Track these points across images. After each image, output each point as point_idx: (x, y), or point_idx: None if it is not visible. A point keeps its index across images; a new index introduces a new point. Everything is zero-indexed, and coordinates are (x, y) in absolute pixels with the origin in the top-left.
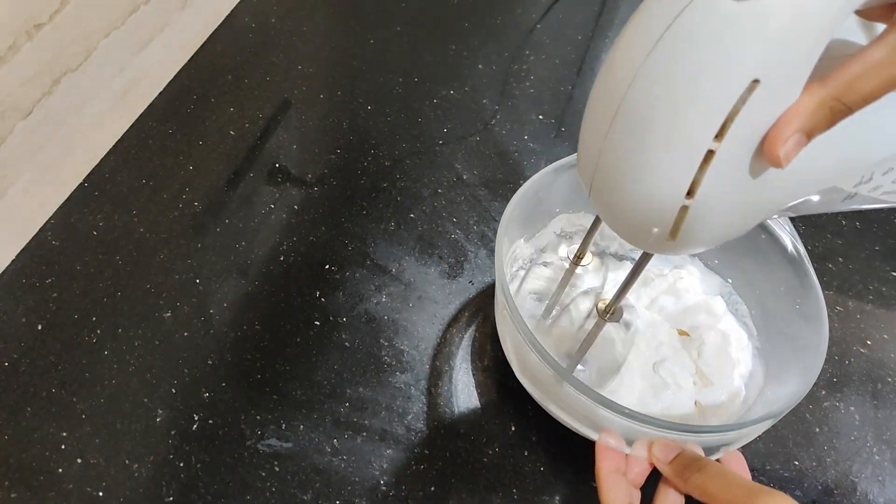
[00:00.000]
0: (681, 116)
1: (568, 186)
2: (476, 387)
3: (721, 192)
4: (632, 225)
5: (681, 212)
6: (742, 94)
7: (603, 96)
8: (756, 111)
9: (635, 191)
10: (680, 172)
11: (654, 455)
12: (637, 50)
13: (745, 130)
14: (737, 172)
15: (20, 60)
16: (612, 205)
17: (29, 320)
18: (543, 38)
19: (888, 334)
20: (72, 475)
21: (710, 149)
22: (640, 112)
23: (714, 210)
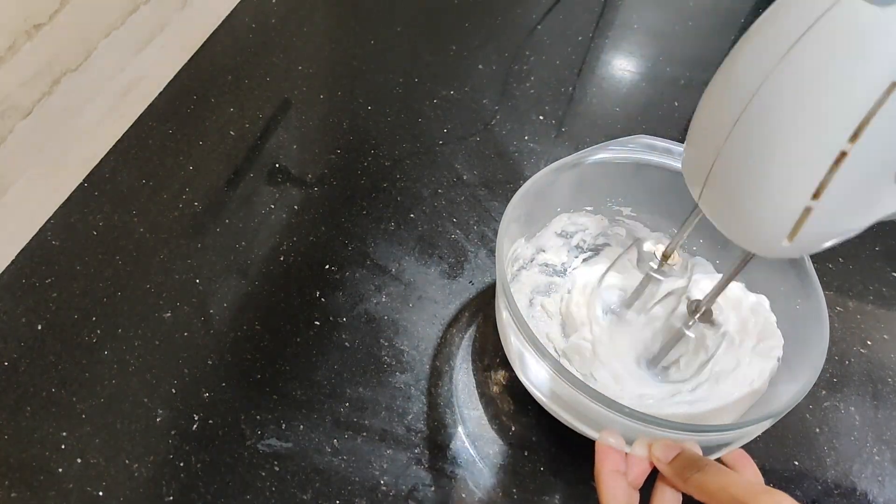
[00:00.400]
0: (816, 118)
1: (568, 186)
2: (476, 387)
3: (846, 195)
4: (749, 226)
5: (804, 213)
6: (880, 97)
7: (726, 96)
8: (893, 114)
9: (759, 190)
10: (809, 173)
11: (655, 455)
12: (770, 51)
13: (880, 134)
14: (865, 176)
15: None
16: (729, 206)
17: (29, 320)
18: (544, 39)
19: (888, 334)
20: (72, 475)
21: (843, 150)
22: (771, 111)
23: (836, 212)
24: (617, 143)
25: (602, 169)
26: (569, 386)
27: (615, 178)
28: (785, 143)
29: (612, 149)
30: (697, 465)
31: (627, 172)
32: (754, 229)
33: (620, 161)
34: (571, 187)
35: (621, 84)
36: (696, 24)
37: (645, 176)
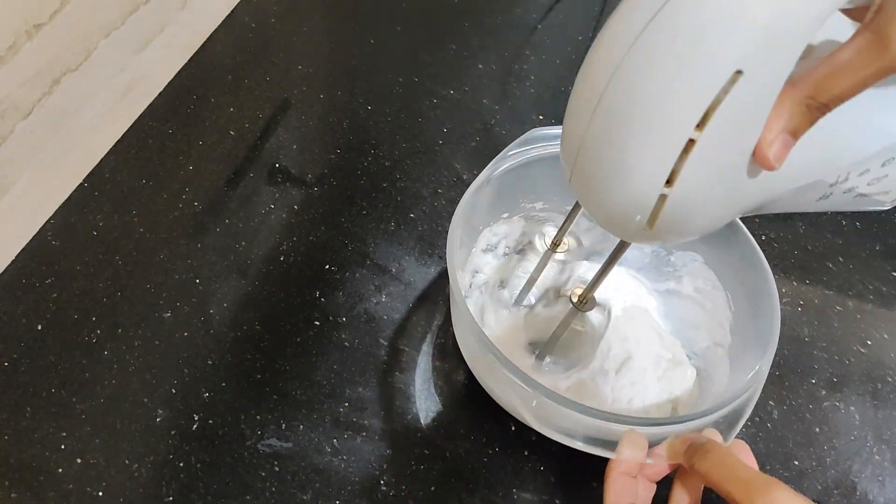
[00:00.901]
0: (663, 105)
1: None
2: (476, 387)
3: (699, 183)
4: (611, 212)
5: (659, 200)
6: (725, 85)
7: (586, 84)
8: (738, 102)
9: (616, 178)
10: (660, 161)
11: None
12: (622, 38)
13: (727, 121)
14: (716, 163)
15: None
16: (592, 192)
17: (29, 320)
18: (544, 39)
19: (888, 334)
20: (72, 475)
21: (691, 138)
22: (623, 100)
23: (692, 200)
24: (515, 146)
25: (510, 175)
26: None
27: (523, 179)
28: (637, 130)
29: (514, 152)
30: (703, 450)
31: (532, 170)
32: (617, 215)
33: (524, 161)
34: (489, 202)
35: None
36: None
37: (547, 167)
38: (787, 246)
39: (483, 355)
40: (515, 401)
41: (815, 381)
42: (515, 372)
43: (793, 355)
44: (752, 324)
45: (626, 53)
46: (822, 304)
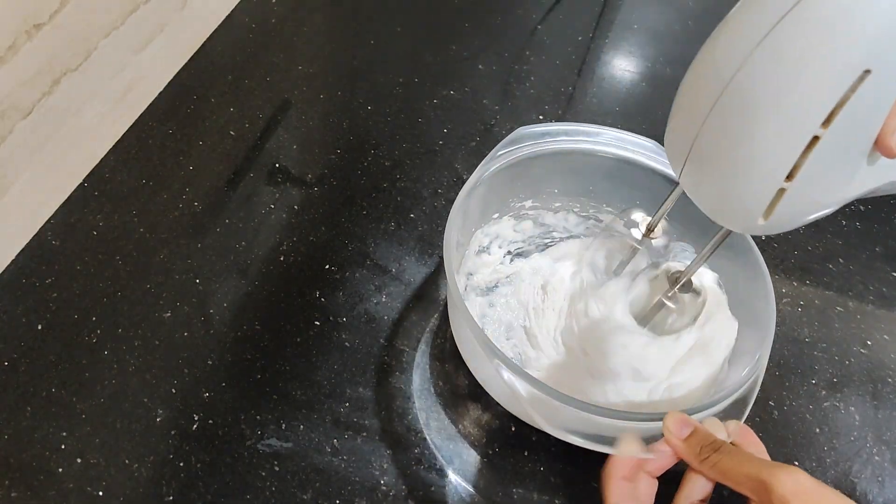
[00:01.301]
0: (790, 101)
1: (477, 205)
2: (476, 387)
3: (818, 177)
4: (726, 205)
5: (778, 194)
6: (853, 84)
7: (705, 78)
8: (865, 100)
9: (736, 171)
10: (783, 156)
11: (667, 427)
12: (749, 35)
13: (852, 119)
14: (837, 158)
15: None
16: (708, 184)
17: (29, 320)
18: (544, 39)
19: (888, 335)
20: (72, 475)
21: (816, 135)
22: (748, 95)
23: (809, 193)
24: (503, 146)
25: (499, 176)
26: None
27: (512, 179)
28: (760, 127)
29: (502, 152)
30: (713, 446)
31: (520, 169)
32: (731, 208)
33: (513, 161)
34: (481, 204)
35: (621, 84)
36: (696, 24)
37: (535, 165)
38: (788, 247)
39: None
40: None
41: (816, 381)
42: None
43: (793, 356)
44: (747, 309)
45: (754, 49)
46: (822, 304)
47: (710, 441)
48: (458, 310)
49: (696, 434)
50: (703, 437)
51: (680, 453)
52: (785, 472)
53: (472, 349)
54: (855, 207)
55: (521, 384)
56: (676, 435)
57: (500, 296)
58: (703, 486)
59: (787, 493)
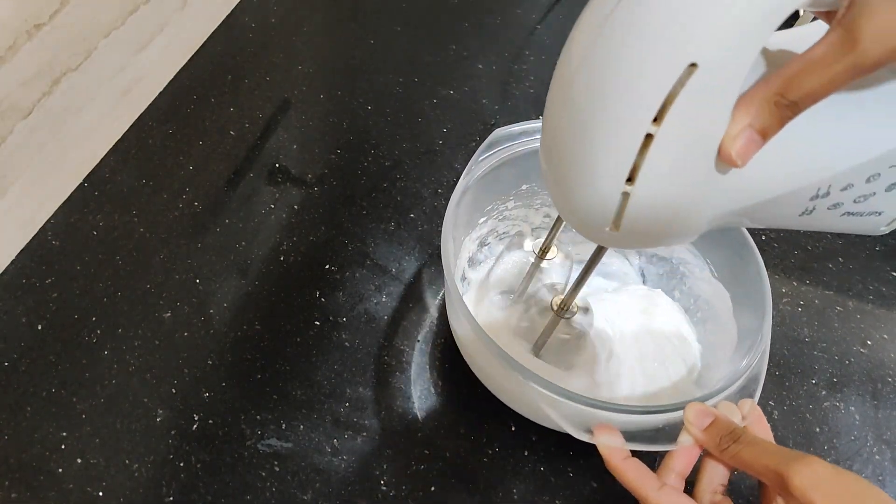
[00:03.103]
0: (620, 99)
1: (465, 212)
2: (476, 387)
3: (662, 180)
4: (579, 213)
5: (623, 199)
6: (680, 78)
7: (556, 86)
8: (694, 96)
9: (579, 175)
10: (620, 156)
11: (688, 418)
12: (584, 36)
13: (684, 115)
14: (677, 159)
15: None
16: (560, 191)
17: (29, 320)
18: (544, 39)
19: (888, 334)
20: (72, 475)
21: (649, 132)
22: (584, 97)
23: (656, 200)
24: (483, 151)
25: (483, 181)
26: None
27: (495, 182)
28: (597, 126)
29: (483, 157)
30: (733, 436)
31: (502, 171)
32: (582, 215)
33: (496, 164)
34: (467, 212)
35: None
36: None
37: (514, 166)
38: (788, 246)
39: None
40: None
41: (815, 381)
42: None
43: (793, 356)
44: (741, 289)
45: (588, 48)
46: (822, 304)
47: (730, 431)
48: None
49: (716, 424)
50: (722, 426)
51: (701, 443)
52: (803, 463)
53: (473, 349)
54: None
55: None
56: (697, 426)
57: None
58: (722, 472)
59: (805, 485)
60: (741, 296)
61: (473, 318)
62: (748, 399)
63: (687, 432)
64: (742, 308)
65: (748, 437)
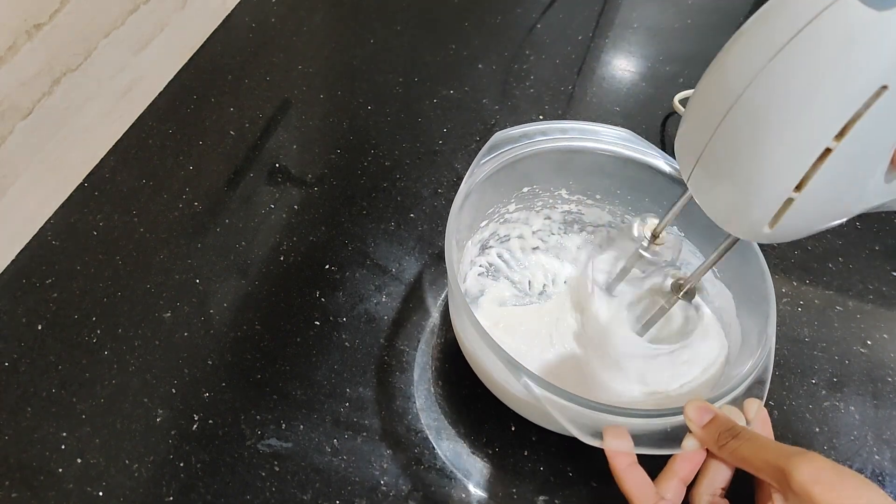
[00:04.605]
0: (805, 112)
1: (468, 215)
2: (476, 387)
3: (827, 190)
4: (733, 212)
5: (785, 203)
6: (868, 99)
7: (720, 86)
8: (879, 116)
9: (746, 178)
10: (794, 166)
11: (688, 415)
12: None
13: (866, 133)
14: (847, 172)
15: (20, 60)
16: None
17: (29, 320)
18: (544, 38)
19: (888, 334)
20: (72, 475)
21: (828, 147)
22: (763, 103)
23: (815, 205)
24: (484, 154)
25: (485, 184)
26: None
27: (496, 186)
28: (772, 137)
29: (485, 161)
30: (732, 432)
31: (502, 175)
32: (738, 215)
33: (498, 167)
34: (469, 215)
35: (621, 83)
36: (695, 22)
37: (516, 170)
38: (788, 246)
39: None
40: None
41: (815, 381)
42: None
43: (793, 355)
44: (744, 290)
45: (772, 58)
46: (822, 304)
47: (729, 427)
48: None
49: (716, 421)
50: (722, 423)
51: (700, 440)
52: (803, 459)
53: (474, 349)
54: None
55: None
56: (697, 422)
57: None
58: (723, 474)
59: (805, 481)
60: (744, 297)
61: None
62: (755, 399)
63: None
64: (745, 309)
65: (748, 433)
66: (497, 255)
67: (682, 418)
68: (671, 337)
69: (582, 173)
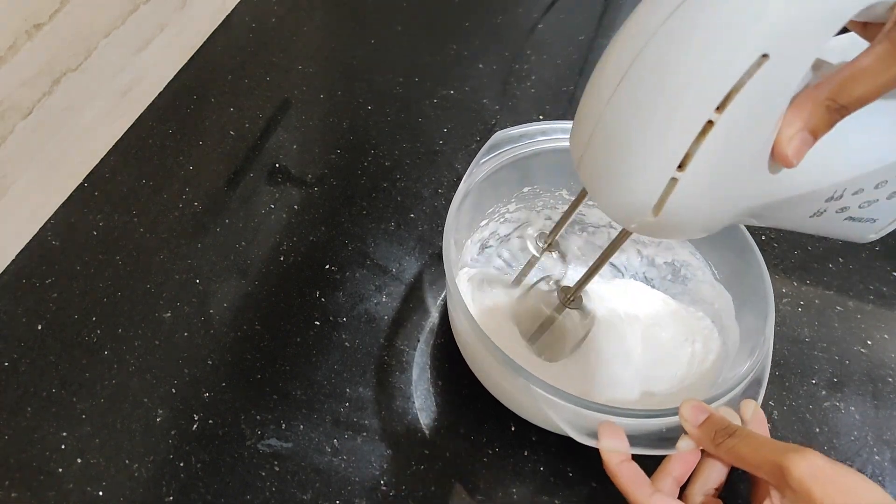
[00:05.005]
0: (686, 84)
1: (467, 214)
2: (476, 387)
3: (711, 170)
4: (618, 196)
5: (669, 184)
6: (749, 68)
7: (610, 65)
8: (761, 86)
9: (630, 157)
10: (676, 140)
11: (683, 415)
12: (653, 17)
13: (747, 106)
14: (730, 151)
15: (20, 60)
16: (602, 173)
17: (29, 320)
18: (545, 38)
19: (888, 334)
20: (72, 475)
21: (710, 119)
22: (645, 79)
23: (700, 189)
24: (484, 153)
25: (485, 183)
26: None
27: (497, 185)
28: (655, 110)
29: (484, 160)
30: (728, 431)
31: (502, 175)
32: (622, 198)
33: (497, 167)
34: (469, 214)
35: None
36: None
37: (516, 169)
38: (788, 246)
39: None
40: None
41: (816, 381)
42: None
43: (793, 356)
44: (743, 291)
45: (656, 29)
46: (822, 304)
47: (725, 426)
48: (458, 308)
49: (711, 420)
50: (717, 422)
51: (695, 439)
52: (800, 455)
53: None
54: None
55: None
56: (692, 421)
57: None
58: (718, 474)
59: (803, 477)
60: (743, 298)
61: (476, 322)
62: (751, 401)
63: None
64: (744, 310)
65: (743, 431)
66: (497, 254)
67: (677, 419)
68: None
69: None
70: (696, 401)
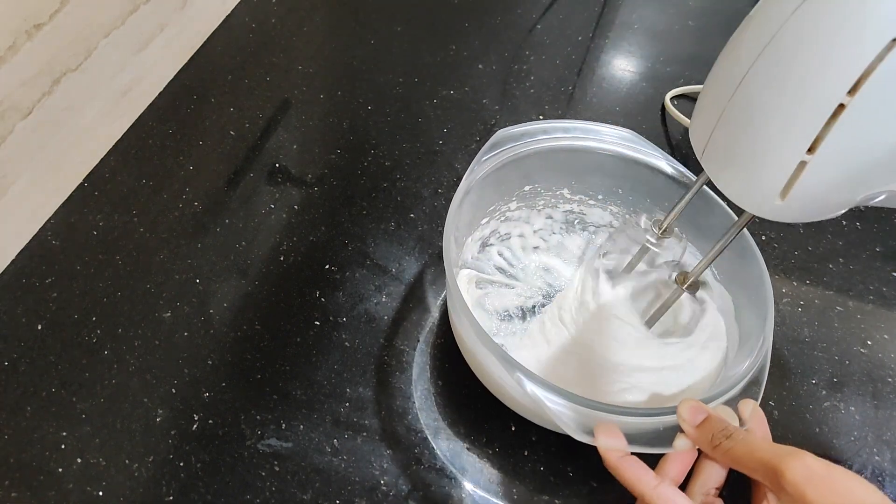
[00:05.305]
0: (817, 68)
1: (468, 212)
2: (476, 386)
3: (841, 153)
4: (745, 181)
5: (798, 168)
6: (880, 52)
7: (735, 56)
8: (892, 70)
9: (757, 143)
10: (807, 125)
11: (681, 416)
12: (779, 10)
13: (879, 90)
14: (860, 134)
15: (20, 60)
16: (728, 161)
17: (29, 320)
18: (544, 39)
19: (888, 334)
20: (72, 475)
21: (842, 103)
22: (775, 65)
23: (829, 173)
24: (485, 152)
25: (486, 181)
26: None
27: (498, 184)
28: (785, 95)
29: (486, 158)
30: (725, 433)
31: (504, 173)
32: (750, 184)
33: (498, 165)
34: (469, 212)
35: (621, 84)
36: (696, 23)
37: (517, 168)
38: (788, 247)
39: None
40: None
41: (816, 381)
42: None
43: (793, 356)
44: (744, 291)
45: (787, 19)
46: (822, 304)
47: (723, 428)
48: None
49: (709, 421)
50: (715, 423)
51: (693, 440)
52: (795, 458)
53: (474, 349)
54: (855, 207)
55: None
56: (690, 422)
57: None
58: (717, 474)
59: (797, 479)
60: (743, 298)
61: (477, 321)
62: (750, 401)
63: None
64: (744, 310)
65: (741, 433)
66: (497, 252)
67: (675, 418)
68: (676, 330)
69: (584, 173)
70: (695, 401)
